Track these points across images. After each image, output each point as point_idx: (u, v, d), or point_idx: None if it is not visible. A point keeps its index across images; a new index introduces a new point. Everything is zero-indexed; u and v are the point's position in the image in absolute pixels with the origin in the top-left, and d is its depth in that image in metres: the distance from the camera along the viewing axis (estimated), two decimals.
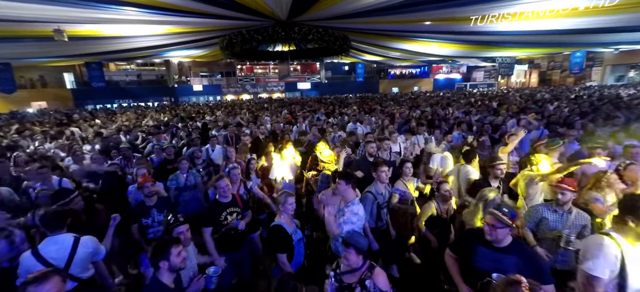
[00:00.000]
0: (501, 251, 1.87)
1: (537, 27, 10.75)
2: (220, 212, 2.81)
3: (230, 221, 2.83)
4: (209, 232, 2.73)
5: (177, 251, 1.89)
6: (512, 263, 1.80)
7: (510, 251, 1.86)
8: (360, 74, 31.74)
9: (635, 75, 25.68)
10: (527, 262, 1.83)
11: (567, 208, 2.45)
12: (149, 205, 3.07)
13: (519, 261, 1.82)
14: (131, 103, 23.09)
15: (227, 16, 10.01)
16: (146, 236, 3.00)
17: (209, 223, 2.75)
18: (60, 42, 9.45)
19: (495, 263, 1.84)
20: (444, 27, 11.91)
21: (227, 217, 2.82)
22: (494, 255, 1.88)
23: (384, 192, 3.10)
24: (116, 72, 27.37)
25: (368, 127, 6.92)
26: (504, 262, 1.82)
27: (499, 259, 1.85)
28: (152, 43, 14.23)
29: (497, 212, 1.87)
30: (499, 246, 1.89)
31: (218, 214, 2.80)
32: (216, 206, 2.85)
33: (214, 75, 30.27)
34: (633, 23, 9.73)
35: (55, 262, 2.17)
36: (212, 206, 2.89)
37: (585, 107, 8.80)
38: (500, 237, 1.87)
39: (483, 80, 34.01)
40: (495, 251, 1.89)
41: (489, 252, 1.90)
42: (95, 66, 19.54)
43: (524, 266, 1.78)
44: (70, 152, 5.27)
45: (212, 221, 2.77)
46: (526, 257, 1.86)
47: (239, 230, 2.86)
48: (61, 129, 8.58)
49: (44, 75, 22.56)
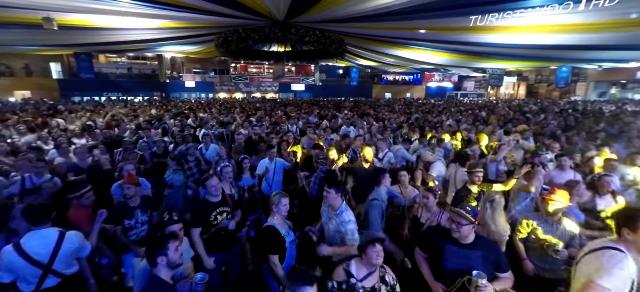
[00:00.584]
0: (468, 247, 2.00)
1: (526, 41, 11.13)
2: (210, 212, 2.75)
3: (220, 221, 2.78)
4: (198, 232, 2.66)
5: (174, 246, 1.87)
6: (479, 257, 1.96)
7: (475, 247, 2.01)
8: (354, 78, 32.00)
9: (616, 92, 26.81)
10: (490, 254, 2.00)
11: (557, 219, 2.53)
12: (132, 206, 2.91)
13: (484, 255, 1.98)
14: (120, 97, 22.54)
15: (224, 14, 9.95)
16: (128, 238, 2.85)
17: (198, 224, 2.69)
18: (49, 31, 9.19)
19: (464, 259, 1.97)
20: (438, 36, 12.17)
21: (217, 217, 2.77)
22: (462, 252, 2.00)
23: (385, 198, 3.14)
24: (106, 64, 26.70)
25: (361, 131, 6.98)
26: (471, 257, 1.96)
27: (467, 255, 1.98)
28: (146, 37, 13.98)
29: (461, 211, 2.00)
30: (465, 243, 2.01)
31: (208, 214, 2.74)
32: (206, 205, 2.79)
33: (208, 73, 29.91)
34: (616, 42, 10.20)
35: (39, 257, 2.11)
36: (201, 206, 2.82)
37: (571, 121, 9.12)
38: (465, 233, 1.99)
39: (474, 90, 34.81)
40: (462, 247, 2.01)
41: (457, 250, 2.02)
42: (84, 57, 19.05)
43: (488, 259, 1.97)
44: (55, 145, 5.10)
45: (201, 221, 2.70)
46: (489, 250, 2.03)
47: (229, 230, 2.82)
48: (45, 120, 8.31)
49: (29, 64, 21.79)
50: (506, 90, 33.96)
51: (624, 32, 8.79)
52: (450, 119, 9.60)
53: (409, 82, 35.86)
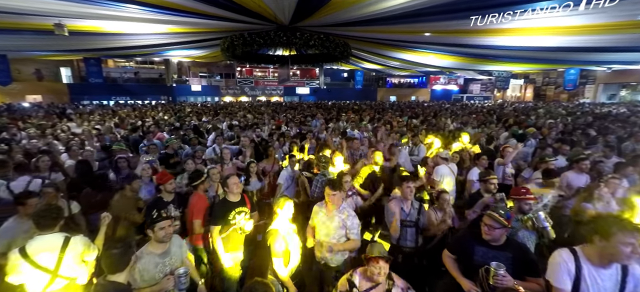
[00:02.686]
0: (498, 249, 2.04)
1: (533, 43, 11.00)
2: (229, 211, 2.80)
3: (238, 220, 2.83)
4: (217, 230, 2.74)
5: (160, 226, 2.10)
6: (509, 258, 1.97)
7: (506, 248, 2.04)
8: (358, 81, 31.99)
9: (626, 94, 26.29)
10: (520, 257, 2.01)
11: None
12: (166, 201, 3.00)
13: (514, 256, 2.00)
14: (128, 100, 22.93)
15: (229, 18, 10.06)
16: None
17: (217, 221, 2.76)
18: (60, 36, 9.41)
19: (494, 259, 1.98)
20: (443, 39, 12.12)
21: (235, 216, 2.82)
22: (492, 253, 2.03)
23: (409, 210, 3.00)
24: (114, 68, 27.22)
25: (365, 134, 6.98)
26: (501, 258, 1.97)
27: (497, 256, 2.01)
28: (153, 41, 14.22)
29: (495, 214, 2.02)
30: (496, 244, 2.05)
31: (227, 212, 2.79)
32: (225, 204, 2.84)
33: (213, 76, 30.25)
34: (626, 43, 10.02)
35: (44, 263, 2.10)
36: (221, 205, 2.87)
37: (580, 124, 8.98)
38: (497, 236, 2.03)
39: (479, 92, 34.49)
40: (493, 249, 2.05)
41: (488, 251, 2.06)
42: (93, 62, 19.43)
43: (518, 261, 1.98)
44: (66, 148, 5.22)
45: (220, 219, 2.77)
46: (520, 253, 2.05)
47: (245, 230, 2.86)
48: (55, 123, 8.50)
49: (40, 69, 22.34)
50: (513, 93, 33.57)
51: (633, 33, 8.65)
52: (454, 122, 9.54)
53: (414, 85, 35.73)
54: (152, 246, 2.17)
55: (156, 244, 2.16)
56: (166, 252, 2.20)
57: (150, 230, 2.14)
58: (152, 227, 2.14)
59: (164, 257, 2.17)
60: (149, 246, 2.18)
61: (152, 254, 2.14)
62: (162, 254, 2.17)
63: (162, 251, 2.18)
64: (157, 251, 2.16)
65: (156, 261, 2.13)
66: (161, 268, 2.14)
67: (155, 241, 2.16)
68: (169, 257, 2.20)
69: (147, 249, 2.16)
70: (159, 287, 2.06)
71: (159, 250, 2.17)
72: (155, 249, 2.16)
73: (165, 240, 2.17)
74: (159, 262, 2.14)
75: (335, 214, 2.65)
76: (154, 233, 2.13)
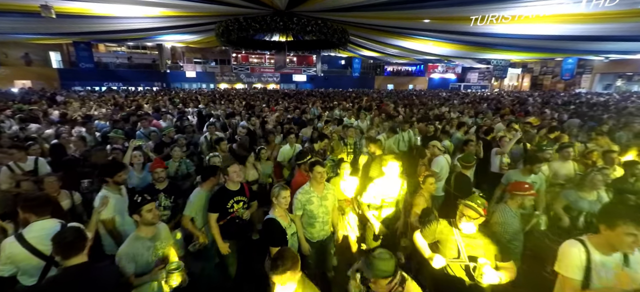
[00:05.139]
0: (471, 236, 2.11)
1: (532, 31, 10.89)
2: (228, 199, 2.79)
3: (236, 209, 2.81)
4: (215, 218, 2.73)
5: (148, 208, 2.09)
6: (480, 245, 2.05)
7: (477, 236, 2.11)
8: (356, 69, 31.65)
9: (622, 84, 26.44)
10: (492, 243, 2.08)
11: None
12: (157, 189, 3.00)
13: (486, 243, 2.06)
14: (120, 87, 22.40)
15: (224, 2, 9.76)
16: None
17: (215, 209, 2.75)
18: (47, 19, 9.06)
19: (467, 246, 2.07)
20: (442, 26, 11.94)
21: (233, 205, 2.80)
22: (465, 240, 2.10)
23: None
24: (106, 53, 26.48)
25: (364, 123, 6.91)
26: (474, 245, 2.05)
27: (470, 243, 2.08)
28: (145, 25, 13.78)
29: (472, 203, 2.06)
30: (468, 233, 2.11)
31: (225, 201, 2.78)
32: (224, 192, 2.82)
33: (208, 63, 29.63)
34: (624, 33, 9.96)
35: (42, 247, 2.08)
36: (219, 192, 2.84)
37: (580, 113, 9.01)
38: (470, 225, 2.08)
39: (477, 81, 34.40)
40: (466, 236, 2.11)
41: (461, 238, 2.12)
42: (83, 46, 18.88)
43: (490, 247, 2.04)
44: (56, 134, 5.08)
45: (218, 207, 2.75)
46: (491, 240, 2.11)
47: (244, 219, 2.86)
48: (46, 110, 8.26)
49: (29, 53, 21.63)
50: (510, 82, 33.57)
51: (632, 22, 8.57)
52: (452, 111, 9.49)
53: (412, 73, 35.47)
54: (141, 231, 2.15)
55: (145, 228, 2.15)
56: (156, 235, 2.21)
57: (137, 215, 2.10)
58: (138, 212, 2.09)
59: (154, 241, 2.18)
60: (138, 231, 2.16)
61: (142, 239, 2.13)
62: (152, 238, 2.18)
63: (152, 235, 2.18)
64: (147, 235, 2.16)
65: (147, 244, 2.14)
66: (153, 251, 2.15)
67: (143, 225, 2.14)
68: (159, 241, 2.21)
69: (137, 235, 2.15)
70: (149, 277, 2.08)
71: (149, 234, 2.17)
72: (145, 233, 2.16)
73: (154, 221, 2.17)
74: (150, 246, 2.15)
75: (329, 188, 2.91)
76: (142, 217, 2.10)
